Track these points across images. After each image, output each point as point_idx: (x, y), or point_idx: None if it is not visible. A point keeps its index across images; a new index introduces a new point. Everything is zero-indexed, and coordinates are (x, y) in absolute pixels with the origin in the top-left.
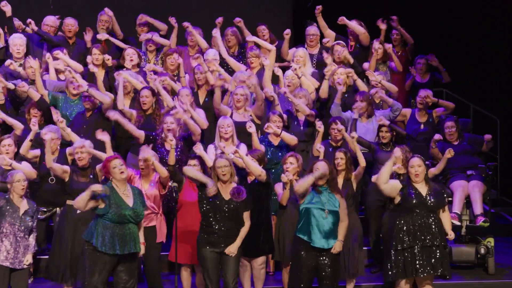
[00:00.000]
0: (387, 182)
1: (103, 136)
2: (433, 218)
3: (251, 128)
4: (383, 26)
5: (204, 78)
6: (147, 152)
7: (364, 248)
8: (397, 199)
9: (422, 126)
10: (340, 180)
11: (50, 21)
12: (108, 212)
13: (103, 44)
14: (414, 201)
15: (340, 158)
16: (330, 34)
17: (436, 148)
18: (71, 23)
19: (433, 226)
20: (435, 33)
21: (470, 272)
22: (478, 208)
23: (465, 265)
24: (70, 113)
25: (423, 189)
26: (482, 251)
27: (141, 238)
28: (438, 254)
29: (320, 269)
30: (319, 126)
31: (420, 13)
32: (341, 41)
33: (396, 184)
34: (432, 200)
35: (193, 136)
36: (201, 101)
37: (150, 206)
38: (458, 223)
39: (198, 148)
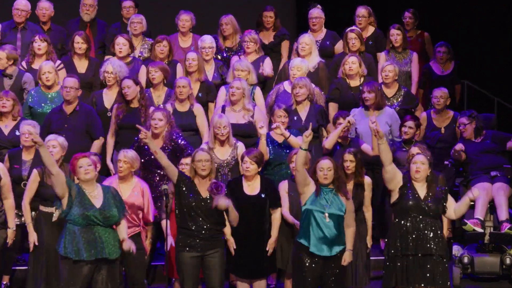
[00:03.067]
0: (391, 163)
1: None
2: (431, 225)
3: (262, 129)
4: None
5: (196, 66)
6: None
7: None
8: (394, 196)
9: (442, 130)
10: (349, 186)
11: (21, 4)
12: (72, 214)
13: (87, 30)
14: (410, 202)
15: (350, 160)
16: None
17: (459, 145)
18: (45, 7)
19: (431, 234)
20: (457, 22)
21: (494, 285)
22: (503, 214)
23: (489, 276)
24: (43, 109)
25: (422, 191)
26: (508, 261)
27: (122, 235)
28: (434, 266)
29: (325, 278)
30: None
31: (442, 2)
32: (355, 28)
33: (399, 174)
34: (430, 205)
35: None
36: (193, 95)
37: (129, 217)
38: (481, 230)
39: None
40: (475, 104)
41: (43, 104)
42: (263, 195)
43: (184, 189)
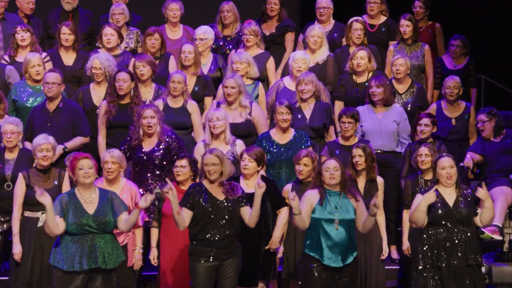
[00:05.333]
0: (424, 220)
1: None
2: (464, 232)
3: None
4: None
5: (192, 59)
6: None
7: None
8: None
9: (453, 121)
10: (361, 183)
11: None
12: (66, 223)
13: (70, 19)
14: (439, 212)
15: (358, 155)
16: None
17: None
18: (32, 0)
19: (464, 242)
20: (473, 12)
21: None
22: None
23: None
24: (28, 102)
25: (451, 196)
26: None
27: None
28: (470, 276)
29: (334, 287)
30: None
31: None
32: (360, 19)
33: (423, 205)
34: (462, 210)
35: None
36: (189, 89)
37: None
38: (499, 237)
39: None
40: (493, 101)
41: (28, 98)
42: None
43: (197, 199)
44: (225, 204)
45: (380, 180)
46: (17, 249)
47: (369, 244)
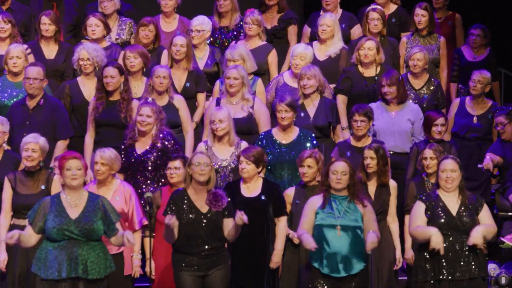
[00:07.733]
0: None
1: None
2: (467, 242)
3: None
4: None
5: (184, 53)
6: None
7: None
8: None
9: (475, 119)
10: (371, 187)
11: None
12: (47, 228)
13: (54, 9)
14: (441, 221)
15: (370, 157)
16: None
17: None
18: None
19: (467, 254)
20: (492, 3)
21: None
22: None
23: None
24: (7, 98)
25: (454, 203)
26: None
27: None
28: None
29: None
30: None
31: None
32: (378, 7)
33: (423, 218)
34: (466, 220)
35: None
36: (180, 85)
37: None
38: None
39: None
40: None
41: (9, 95)
42: (263, 197)
43: (181, 208)
44: (208, 216)
45: (393, 183)
46: (1, 257)
47: (379, 255)
